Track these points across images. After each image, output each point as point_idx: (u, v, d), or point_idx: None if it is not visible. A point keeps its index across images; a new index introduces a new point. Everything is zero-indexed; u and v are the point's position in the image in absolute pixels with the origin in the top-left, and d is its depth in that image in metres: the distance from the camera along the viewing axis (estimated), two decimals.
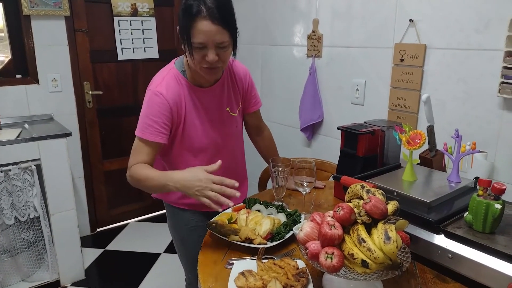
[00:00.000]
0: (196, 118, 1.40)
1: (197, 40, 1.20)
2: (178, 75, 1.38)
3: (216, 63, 1.26)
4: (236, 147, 1.58)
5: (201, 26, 1.18)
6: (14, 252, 2.35)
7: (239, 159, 1.64)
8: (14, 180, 2.20)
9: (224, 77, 1.47)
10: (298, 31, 2.40)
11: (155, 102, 1.32)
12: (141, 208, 3.48)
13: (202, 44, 1.21)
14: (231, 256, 1.16)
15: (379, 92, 1.97)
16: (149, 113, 1.33)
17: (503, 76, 1.43)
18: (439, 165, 1.48)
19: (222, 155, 1.46)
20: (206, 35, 1.19)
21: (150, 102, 1.34)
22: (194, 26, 1.18)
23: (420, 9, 1.72)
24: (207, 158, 1.45)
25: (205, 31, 1.18)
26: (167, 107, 1.32)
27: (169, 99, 1.32)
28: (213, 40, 1.20)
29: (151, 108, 1.33)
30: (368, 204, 0.89)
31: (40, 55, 2.70)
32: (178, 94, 1.35)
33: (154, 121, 1.31)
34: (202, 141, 1.43)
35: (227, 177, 1.30)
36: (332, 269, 0.85)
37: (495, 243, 0.98)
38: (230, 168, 1.55)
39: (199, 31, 1.18)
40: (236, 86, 1.51)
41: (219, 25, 1.18)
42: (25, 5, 2.55)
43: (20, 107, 2.68)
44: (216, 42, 1.21)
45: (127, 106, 3.22)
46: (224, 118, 1.48)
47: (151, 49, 3.18)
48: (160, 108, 1.32)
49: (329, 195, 1.58)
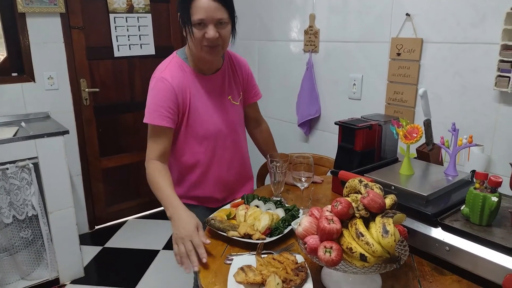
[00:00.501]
0: (200, 104, 1.43)
1: (197, 16, 1.25)
2: (181, 62, 1.42)
3: (216, 41, 1.30)
4: (239, 140, 1.60)
5: (200, 3, 1.24)
6: (13, 250, 2.35)
7: (245, 156, 1.66)
8: (12, 178, 2.19)
9: (225, 66, 1.51)
10: (294, 26, 2.40)
11: (161, 88, 1.36)
12: (139, 205, 3.49)
13: (202, 20, 1.26)
14: (230, 252, 1.16)
15: (376, 87, 1.97)
16: (155, 99, 1.36)
17: (499, 70, 1.44)
18: (436, 158, 1.48)
19: (226, 145, 1.51)
20: (206, 11, 1.24)
21: (155, 88, 1.37)
22: (194, 3, 1.25)
23: (417, 3, 1.72)
24: (211, 146, 1.48)
25: (205, 8, 1.24)
26: (172, 92, 1.35)
27: (174, 84, 1.36)
28: (213, 16, 1.26)
29: (156, 94, 1.36)
30: (366, 198, 0.90)
31: (36, 52, 2.69)
32: (182, 80, 1.39)
33: (160, 105, 1.34)
34: (206, 127, 1.45)
35: (232, 174, 1.45)
36: (331, 263, 0.85)
37: (492, 235, 0.99)
38: (234, 162, 1.58)
39: (198, 8, 1.24)
40: (237, 76, 1.55)
41: (217, 2, 1.25)
42: (19, 2, 2.53)
43: (16, 106, 2.67)
44: (215, 19, 1.26)
45: (124, 103, 3.21)
46: (226, 106, 1.51)
47: (148, 45, 3.17)
48: (165, 93, 1.35)
49: (327, 189, 1.59)
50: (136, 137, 3.33)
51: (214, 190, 1.57)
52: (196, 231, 1.15)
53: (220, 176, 1.55)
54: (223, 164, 1.55)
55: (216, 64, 1.49)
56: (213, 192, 1.57)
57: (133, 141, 3.33)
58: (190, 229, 1.15)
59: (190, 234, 1.14)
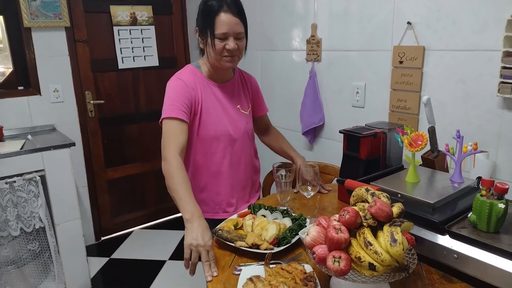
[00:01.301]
0: (211, 106, 1.53)
1: (221, 30, 1.39)
2: (193, 69, 1.56)
3: (235, 52, 1.45)
4: (248, 147, 1.66)
5: (224, 18, 1.39)
6: (21, 263, 2.35)
7: (253, 163, 1.73)
8: (19, 191, 2.21)
9: (235, 78, 1.63)
10: (297, 36, 2.42)
11: (176, 86, 1.48)
12: (145, 216, 3.50)
13: (225, 34, 1.40)
14: (238, 262, 1.16)
15: (379, 95, 1.98)
16: (171, 97, 1.45)
17: (502, 76, 1.44)
18: (442, 165, 1.49)
19: (235, 150, 1.59)
20: (229, 25, 1.39)
21: (170, 87, 1.48)
22: (218, 19, 1.39)
23: (417, 11, 1.74)
24: (221, 148, 1.55)
25: (228, 22, 1.39)
26: (187, 89, 1.47)
27: (188, 83, 1.48)
28: (234, 30, 1.41)
29: (171, 92, 1.46)
30: (373, 208, 0.90)
31: (42, 66, 2.72)
32: (194, 81, 1.51)
33: (176, 100, 1.44)
34: (216, 128, 1.53)
35: (241, 179, 1.60)
36: (340, 273, 0.86)
37: (500, 242, 0.99)
38: (242, 166, 1.63)
39: (222, 22, 1.39)
40: (246, 89, 1.67)
41: (237, 17, 1.41)
42: (25, 17, 2.57)
43: (22, 119, 2.70)
44: (235, 32, 1.42)
45: (128, 114, 3.24)
46: (235, 113, 1.60)
47: (151, 57, 3.20)
48: (180, 89, 1.46)
49: (333, 198, 1.59)
50: (141, 147, 3.35)
51: (222, 194, 1.60)
52: (208, 242, 1.16)
53: (230, 179, 1.60)
54: (233, 167, 1.61)
55: (228, 76, 1.60)
56: (222, 196, 1.60)
57: (138, 152, 3.35)
58: (208, 239, 1.17)
59: (210, 245, 1.16)
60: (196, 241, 1.15)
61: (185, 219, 1.22)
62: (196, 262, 1.15)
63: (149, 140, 3.35)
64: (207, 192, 1.60)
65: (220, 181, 1.59)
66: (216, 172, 1.58)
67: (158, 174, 3.39)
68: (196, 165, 1.57)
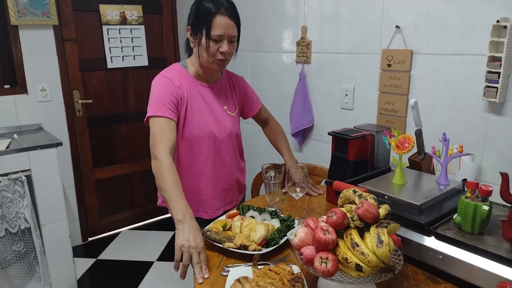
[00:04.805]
0: (197, 106, 1.51)
1: (217, 32, 1.39)
2: (180, 68, 1.54)
3: (227, 56, 1.45)
4: (233, 150, 1.65)
5: (220, 21, 1.38)
6: (5, 264, 2.32)
7: (239, 165, 1.71)
8: (4, 191, 2.18)
9: (223, 79, 1.62)
10: (287, 38, 2.43)
11: (162, 83, 1.46)
12: (133, 216, 3.47)
13: (220, 36, 1.40)
14: (226, 263, 1.16)
15: (368, 97, 2.00)
16: (156, 95, 1.44)
17: (487, 80, 1.47)
18: (428, 168, 1.51)
19: (219, 151, 1.57)
20: (224, 28, 1.39)
21: (156, 85, 1.48)
22: (214, 21, 1.38)
23: (406, 16, 1.76)
24: (205, 148, 1.54)
25: (224, 25, 1.39)
26: (172, 87, 1.46)
27: (173, 80, 1.47)
28: (229, 33, 1.41)
29: (157, 90, 1.45)
30: (360, 209, 0.91)
31: (29, 64, 2.69)
32: (180, 80, 1.49)
33: (162, 97, 1.42)
34: (201, 128, 1.51)
35: (225, 180, 1.56)
36: (327, 274, 0.86)
37: (483, 243, 1.01)
38: (227, 167, 1.62)
39: (218, 24, 1.39)
40: (234, 91, 1.66)
41: (233, 21, 1.42)
42: (12, 15, 2.53)
43: (9, 118, 2.66)
44: (230, 35, 1.42)
45: (117, 114, 3.21)
46: (221, 114, 1.58)
47: (141, 57, 3.18)
48: (166, 86, 1.45)
49: (321, 199, 1.60)
50: (130, 148, 3.32)
51: (204, 194, 1.60)
52: (200, 244, 1.16)
53: (213, 179, 1.59)
54: (217, 168, 1.59)
55: (215, 77, 1.59)
56: (203, 196, 1.60)
57: (127, 152, 3.32)
58: (200, 241, 1.16)
59: (201, 247, 1.15)
60: (188, 242, 1.15)
61: (176, 220, 1.21)
62: (187, 264, 1.14)
63: (138, 140, 3.33)
64: (188, 192, 1.56)
65: (203, 181, 1.58)
66: (199, 172, 1.56)
67: (147, 175, 3.39)
68: (180, 164, 1.55)
